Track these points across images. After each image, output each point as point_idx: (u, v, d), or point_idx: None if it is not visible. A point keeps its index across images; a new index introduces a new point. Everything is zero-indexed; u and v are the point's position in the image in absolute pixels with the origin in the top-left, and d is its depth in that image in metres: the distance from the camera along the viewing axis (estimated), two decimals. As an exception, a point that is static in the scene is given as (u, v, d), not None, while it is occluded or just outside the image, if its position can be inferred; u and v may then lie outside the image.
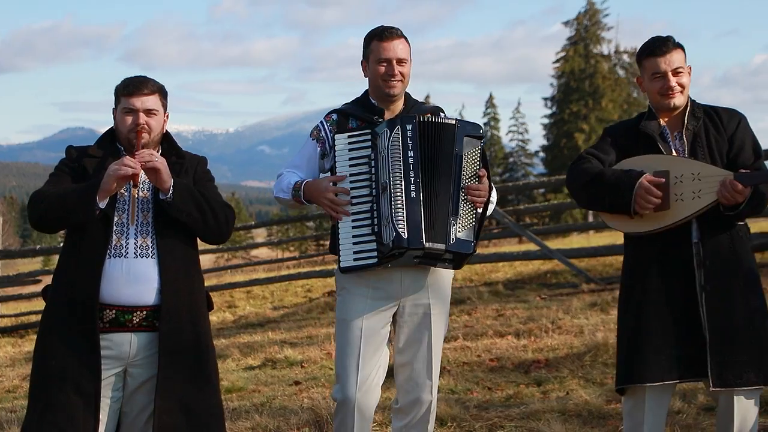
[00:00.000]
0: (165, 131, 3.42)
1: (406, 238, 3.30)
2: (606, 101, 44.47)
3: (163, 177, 3.21)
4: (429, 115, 3.44)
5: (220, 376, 3.46)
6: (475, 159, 3.42)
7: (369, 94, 3.63)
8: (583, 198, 3.59)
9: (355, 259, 3.40)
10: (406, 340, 3.56)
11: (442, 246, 3.34)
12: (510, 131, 53.25)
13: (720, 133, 3.47)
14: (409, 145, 3.35)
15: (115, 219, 3.23)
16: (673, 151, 3.49)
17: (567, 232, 20.95)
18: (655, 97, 3.51)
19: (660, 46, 3.46)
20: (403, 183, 3.33)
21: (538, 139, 49.55)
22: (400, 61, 3.52)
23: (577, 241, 20.15)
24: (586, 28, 46.72)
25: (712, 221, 3.39)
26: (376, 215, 3.37)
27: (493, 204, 3.56)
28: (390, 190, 3.33)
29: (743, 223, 3.49)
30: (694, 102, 3.55)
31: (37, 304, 14.91)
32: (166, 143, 3.44)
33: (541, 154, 48.51)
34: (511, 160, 52.75)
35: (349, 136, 3.46)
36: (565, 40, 47.45)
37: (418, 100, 3.71)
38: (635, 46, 49.78)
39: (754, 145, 3.49)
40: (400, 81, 3.53)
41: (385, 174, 3.35)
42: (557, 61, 46.95)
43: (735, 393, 3.38)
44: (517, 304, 9.74)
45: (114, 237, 3.21)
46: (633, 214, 3.40)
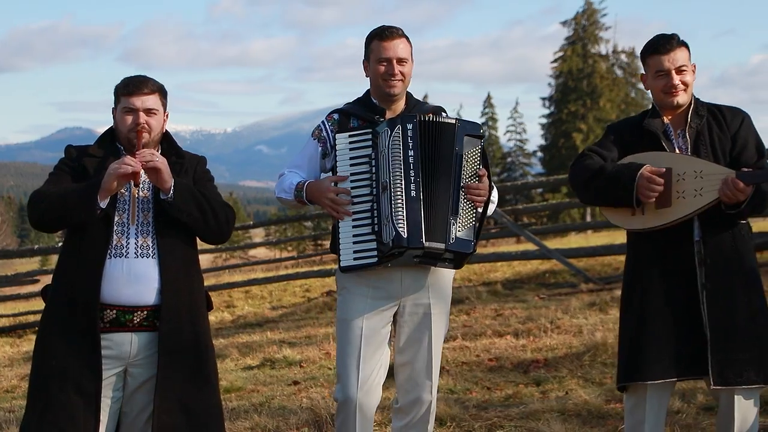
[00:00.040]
0: (165, 131, 3.41)
1: (405, 237, 3.29)
2: (604, 101, 44.52)
3: (164, 177, 3.20)
4: (430, 114, 3.44)
5: (218, 376, 3.45)
6: (476, 158, 3.41)
7: (370, 93, 3.62)
8: (585, 194, 3.59)
9: (355, 259, 3.40)
10: (406, 340, 3.56)
11: (442, 245, 3.34)
12: (508, 131, 53.33)
13: (723, 131, 3.47)
14: (410, 144, 3.34)
15: (115, 219, 3.22)
16: (676, 148, 3.49)
17: (565, 231, 20.97)
18: (658, 95, 3.51)
19: (664, 44, 3.46)
20: (403, 182, 3.32)
21: (536, 138, 49.61)
22: (401, 60, 3.51)
23: (575, 240, 20.17)
24: (584, 28, 46.77)
25: (714, 220, 3.38)
26: (376, 214, 3.37)
27: (494, 204, 3.56)
28: (390, 190, 3.33)
29: (745, 221, 3.49)
30: (697, 100, 3.55)
31: (35, 304, 14.89)
32: (166, 143, 3.43)
33: (539, 154, 48.56)
34: (509, 159, 52.80)
35: (350, 136, 3.46)
36: (563, 40, 47.55)
37: (420, 100, 3.70)
38: (633, 45, 49.85)
39: (757, 144, 3.48)
40: (401, 81, 3.52)
41: (386, 173, 3.35)
42: (555, 60, 47.01)
43: (735, 392, 3.38)
44: (515, 303, 9.74)
45: (115, 237, 3.20)
46: (636, 206, 3.40)
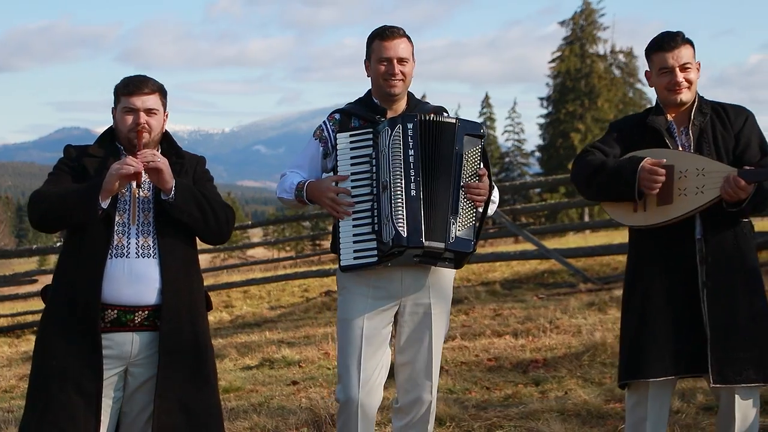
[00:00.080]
0: (164, 131, 3.40)
1: (405, 236, 3.29)
2: (602, 101, 44.52)
3: (166, 177, 3.19)
4: (431, 114, 3.43)
5: (218, 376, 3.45)
6: (476, 158, 3.41)
7: (372, 93, 3.62)
8: (587, 190, 3.58)
9: (355, 258, 3.40)
10: (406, 340, 3.55)
11: (442, 245, 3.34)
12: (506, 131, 53.35)
13: (727, 129, 3.47)
14: (410, 143, 3.34)
15: (116, 219, 3.21)
16: (679, 146, 3.48)
17: (563, 231, 20.98)
18: (662, 92, 3.51)
19: (669, 41, 3.46)
20: (403, 182, 3.32)
21: (534, 138, 49.65)
22: (401, 60, 3.51)
23: (573, 240, 20.18)
24: (581, 28, 46.77)
25: (716, 218, 3.38)
26: (376, 214, 3.37)
27: (495, 203, 3.56)
28: (390, 189, 3.32)
29: (747, 220, 3.49)
30: (701, 98, 3.54)
31: (33, 304, 14.89)
32: (166, 143, 3.42)
33: (537, 154, 48.58)
34: (507, 159, 52.81)
35: (351, 135, 3.46)
36: (561, 40, 47.55)
37: (422, 100, 3.70)
38: (631, 45, 49.89)
39: (761, 143, 3.48)
40: (401, 80, 3.52)
41: (386, 173, 3.34)
42: (553, 60, 47.00)
43: (736, 391, 3.38)
44: (514, 303, 9.73)
45: (115, 237, 3.19)
46: (638, 199, 3.40)
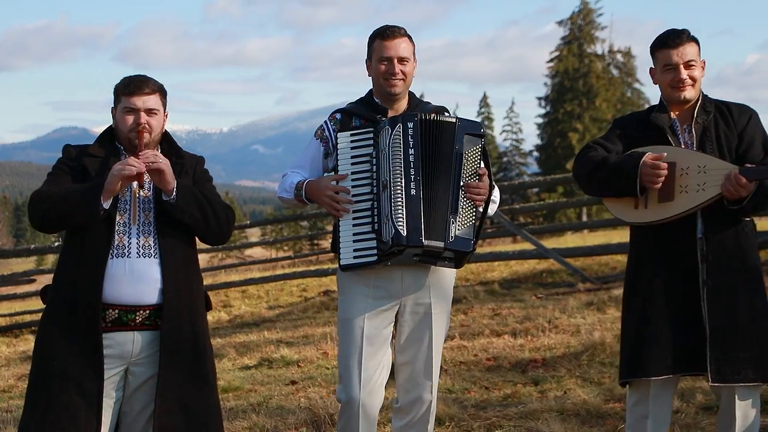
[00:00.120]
0: (164, 131, 3.40)
1: (405, 235, 3.29)
2: (600, 101, 44.56)
3: (167, 178, 3.18)
4: (432, 113, 3.43)
5: (216, 376, 3.45)
6: (476, 157, 3.41)
7: (373, 93, 3.62)
8: (589, 186, 3.58)
9: (355, 257, 3.40)
10: (406, 339, 3.55)
11: (441, 244, 3.34)
12: (504, 131, 53.41)
13: (730, 128, 3.47)
14: (410, 143, 3.34)
15: (117, 219, 3.20)
16: (682, 143, 3.48)
17: (562, 231, 20.99)
18: (666, 89, 3.51)
19: (674, 38, 3.46)
20: (403, 181, 3.32)
21: (532, 138, 49.70)
22: (402, 59, 3.51)
23: (572, 240, 20.20)
24: (579, 28, 46.81)
25: (718, 216, 3.38)
26: (376, 213, 3.37)
27: (496, 203, 3.56)
28: (390, 188, 3.32)
29: (749, 219, 3.49)
30: (705, 96, 3.54)
31: (31, 304, 14.87)
32: (166, 143, 3.42)
33: (535, 154, 48.64)
34: (505, 159, 52.86)
35: (351, 135, 3.46)
36: (559, 40, 47.59)
37: (423, 100, 3.70)
38: (629, 45, 49.92)
39: (764, 142, 3.48)
40: (402, 80, 3.52)
41: (386, 172, 3.34)
42: (551, 60, 47.04)
43: (736, 390, 3.38)
44: (513, 303, 9.73)
45: (116, 237, 3.19)
46: (640, 194, 3.39)
